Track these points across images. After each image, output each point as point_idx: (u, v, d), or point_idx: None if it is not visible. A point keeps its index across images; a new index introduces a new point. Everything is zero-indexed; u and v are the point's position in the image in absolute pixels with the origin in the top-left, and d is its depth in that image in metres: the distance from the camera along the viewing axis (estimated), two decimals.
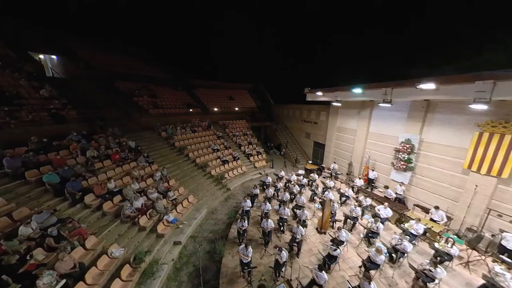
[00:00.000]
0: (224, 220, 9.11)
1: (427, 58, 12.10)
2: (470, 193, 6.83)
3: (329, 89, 10.32)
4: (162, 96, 18.09)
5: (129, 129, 12.71)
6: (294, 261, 6.07)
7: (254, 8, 22.45)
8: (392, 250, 5.95)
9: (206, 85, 23.42)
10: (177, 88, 20.70)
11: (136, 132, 12.76)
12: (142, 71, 19.09)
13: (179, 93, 20.05)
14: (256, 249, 6.40)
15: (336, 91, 9.85)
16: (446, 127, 7.61)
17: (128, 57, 19.75)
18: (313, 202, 9.54)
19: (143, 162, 10.05)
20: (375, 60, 14.12)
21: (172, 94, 19.38)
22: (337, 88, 9.81)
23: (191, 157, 12.89)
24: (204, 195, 10.52)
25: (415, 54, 12.35)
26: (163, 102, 17.33)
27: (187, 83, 21.87)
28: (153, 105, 16.21)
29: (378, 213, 7.63)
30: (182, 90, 20.86)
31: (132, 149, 10.67)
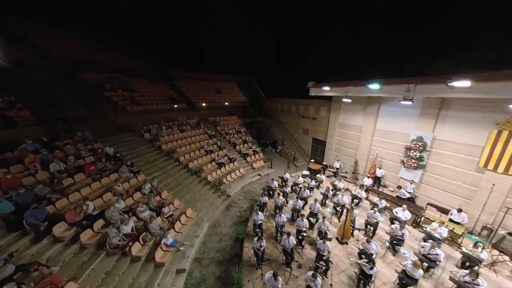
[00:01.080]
0: (230, 234, 8.22)
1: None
2: (485, 192, 6.95)
3: (339, 84, 9.75)
4: (140, 90, 15.91)
5: (103, 132, 10.77)
6: (323, 282, 5.50)
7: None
8: (423, 259, 5.72)
9: (189, 76, 21.43)
10: (155, 80, 18.48)
11: (112, 135, 10.86)
12: (111, 59, 16.41)
13: (159, 86, 17.93)
14: (277, 270, 5.68)
15: (347, 86, 9.31)
16: (460, 125, 7.60)
17: (93, 42, 16.76)
18: (325, 206, 9.12)
19: (126, 172, 8.49)
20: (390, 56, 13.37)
21: (151, 87, 17.21)
22: (348, 83, 9.28)
23: (182, 162, 11.49)
24: (203, 206, 9.42)
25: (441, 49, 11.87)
26: (142, 97, 15.23)
27: (166, 74, 19.70)
28: (130, 101, 14.09)
29: (396, 216, 7.46)
30: (161, 82, 18.69)
31: (111, 156, 8.96)
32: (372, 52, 14.48)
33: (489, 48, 10.44)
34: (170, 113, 15.55)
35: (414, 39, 12.64)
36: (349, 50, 15.25)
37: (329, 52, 16.97)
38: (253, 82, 25.74)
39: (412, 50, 13.54)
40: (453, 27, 11.00)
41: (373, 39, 14.57)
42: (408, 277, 5.16)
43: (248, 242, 6.98)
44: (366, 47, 14.66)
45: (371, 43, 14.51)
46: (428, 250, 5.71)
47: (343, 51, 15.48)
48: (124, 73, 16.38)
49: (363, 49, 14.40)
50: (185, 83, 20.53)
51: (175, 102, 16.75)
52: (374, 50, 14.54)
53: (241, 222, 8.95)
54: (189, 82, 21.09)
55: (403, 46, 13.33)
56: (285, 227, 7.02)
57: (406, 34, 12.73)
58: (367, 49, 14.50)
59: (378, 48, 14.39)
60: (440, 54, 11.45)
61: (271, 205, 9.12)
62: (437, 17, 11.78)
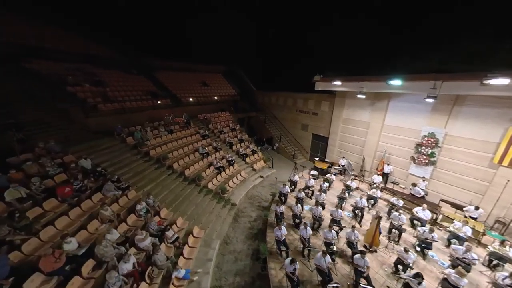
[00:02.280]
0: (246, 251, 7.48)
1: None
2: (499, 187, 7.29)
3: (352, 78, 9.28)
4: (113, 84, 13.66)
5: (72, 139, 8.90)
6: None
7: None
8: (457, 263, 5.73)
9: (169, 66, 19.30)
10: (130, 71, 16.16)
11: (85, 142, 9.01)
12: (72, 46, 13.62)
13: (135, 79, 15.72)
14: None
15: (362, 81, 8.89)
16: (473, 121, 7.77)
17: (46, 24, 13.64)
18: (341, 209, 8.85)
19: (112, 190, 7.02)
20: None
21: (126, 80, 14.97)
22: (363, 78, 8.86)
23: (176, 169, 10.17)
24: (209, 220, 8.44)
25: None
26: (117, 93, 13.08)
27: (143, 64, 17.36)
28: (102, 97, 11.93)
29: (417, 216, 7.48)
30: (138, 74, 16.42)
31: (89, 171, 7.33)
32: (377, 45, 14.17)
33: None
34: (153, 111, 13.72)
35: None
36: (354, 40, 14.83)
37: (330, 41, 16.38)
38: (241, 73, 24.37)
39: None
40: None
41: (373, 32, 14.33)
42: (451, 285, 5.06)
43: (273, 262, 6.32)
44: (369, 38, 14.38)
45: (374, 34, 14.24)
46: (463, 254, 5.72)
47: (347, 40, 15.02)
48: (91, 62, 13.86)
49: (366, 40, 14.12)
50: (166, 75, 18.43)
51: (157, 97, 14.82)
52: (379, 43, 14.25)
53: (254, 235, 8.26)
54: (170, 73, 18.99)
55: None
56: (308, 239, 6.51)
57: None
58: (369, 41, 14.28)
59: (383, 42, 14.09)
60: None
61: (287, 213, 8.53)
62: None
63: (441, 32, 10.19)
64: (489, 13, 8.53)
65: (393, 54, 11.88)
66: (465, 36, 9.11)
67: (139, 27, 18.33)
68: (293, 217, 7.94)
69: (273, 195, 10.22)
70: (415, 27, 11.66)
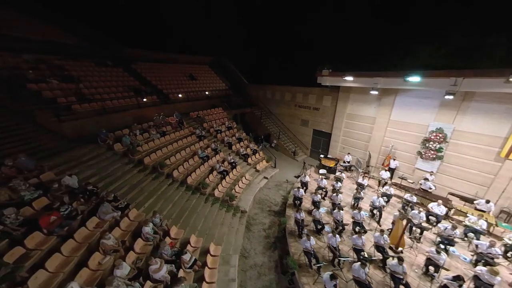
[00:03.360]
0: (268, 264, 7.12)
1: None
2: (504, 179, 7.84)
3: (365, 74, 9.08)
4: (86, 78, 11.89)
5: (46, 150, 7.47)
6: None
7: None
8: (481, 258, 6.02)
9: (149, 57, 17.52)
10: (104, 63, 14.22)
11: (63, 153, 7.64)
12: (31, 32, 11.34)
13: (112, 72, 13.91)
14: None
15: (376, 77, 8.74)
16: (482, 116, 8.16)
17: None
18: (357, 209, 8.88)
19: (110, 212, 6.01)
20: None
21: (101, 73, 13.17)
22: (377, 73, 8.70)
23: (177, 178, 9.24)
24: (221, 233, 7.85)
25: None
26: (93, 90, 11.40)
27: (118, 55, 15.40)
28: (77, 96, 10.23)
29: (433, 212, 7.76)
30: (114, 66, 14.54)
31: (77, 191, 6.16)
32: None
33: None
34: (138, 110, 12.28)
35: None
36: (352, 32, 14.66)
37: (326, 33, 16.07)
38: (230, 65, 23.15)
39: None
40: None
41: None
42: (484, 283, 5.27)
43: (304, 276, 6.03)
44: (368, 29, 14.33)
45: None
46: (487, 249, 6.01)
47: (343, 32, 14.83)
48: (57, 53, 11.75)
49: (366, 32, 14.05)
50: (147, 67, 16.68)
51: (141, 94, 13.25)
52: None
53: (272, 245, 7.91)
54: (151, 65, 17.22)
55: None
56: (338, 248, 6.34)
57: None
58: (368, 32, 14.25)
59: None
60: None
61: (306, 218, 8.26)
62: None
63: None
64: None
65: (404, 48, 11.94)
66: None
67: (112, 12, 16.10)
68: (314, 222, 7.72)
69: (285, 199, 9.88)
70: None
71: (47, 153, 7.51)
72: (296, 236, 7.52)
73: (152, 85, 15.16)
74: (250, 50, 23.12)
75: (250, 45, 23.05)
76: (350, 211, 8.40)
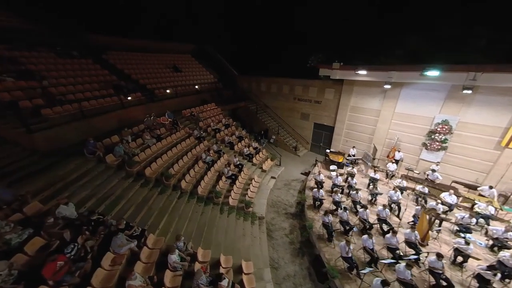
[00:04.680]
0: (300, 273, 7.03)
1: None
2: (503, 166, 8.79)
3: (379, 68, 9.09)
4: (50, 74, 9.96)
5: (15, 171, 6.08)
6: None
7: None
8: (497, 243, 6.72)
9: (122, 45, 15.57)
10: (68, 54, 12.10)
11: (41, 173, 6.32)
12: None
13: (79, 64, 11.91)
14: None
15: (391, 71, 8.81)
16: (486, 108, 8.88)
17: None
18: (375, 205, 9.23)
19: (126, 243, 5.14)
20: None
21: (67, 66, 11.25)
22: (392, 67, 8.77)
23: (185, 188, 8.42)
24: (246, 245, 7.48)
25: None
26: (63, 87, 9.62)
27: (84, 42, 13.26)
28: (44, 98, 8.46)
29: (445, 201, 8.41)
30: (81, 58, 12.48)
31: (78, 222, 5.10)
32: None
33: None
34: (123, 111, 10.78)
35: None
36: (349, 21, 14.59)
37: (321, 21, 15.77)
38: (216, 54, 21.71)
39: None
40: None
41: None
42: (508, 268, 5.88)
43: (347, 284, 6.03)
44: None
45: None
46: (503, 234, 6.71)
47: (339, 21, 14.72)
48: (4, 41, 9.44)
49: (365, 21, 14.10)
50: (122, 58, 14.72)
51: (122, 91, 11.59)
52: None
53: (299, 251, 7.83)
54: (127, 55, 15.24)
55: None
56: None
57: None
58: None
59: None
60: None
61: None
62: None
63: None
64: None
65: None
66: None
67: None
68: (341, 223, 7.76)
69: (299, 200, 9.75)
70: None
71: (19, 175, 6.08)
72: (325, 240, 7.50)
73: (132, 80, 13.39)
74: (236, 36, 21.88)
75: (236, 32, 21.77)
76: (374, 208, 8.61)
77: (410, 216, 8.15)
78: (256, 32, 20.16)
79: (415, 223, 7.84)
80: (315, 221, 8.39)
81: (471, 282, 5.84)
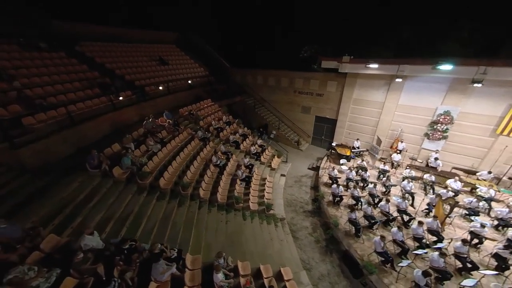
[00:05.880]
0: (333, 271, 7.28)
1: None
2: (497, 152, 9.92)
3: (391, 61, 9.36)
4: (19, 72, 8.53)
5: (6, 198, 5.15)
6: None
7: None
8: (502, 222, 7.70)
9: (96, 34, 13.91)
10: (35, 46, 10.52)
11: (41, 197, 5.46)
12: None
13: (51, 59, 10.47)
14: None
15: (402, 64, 9.15)
16: (484, 98, 9.79)
17: None
18: (388, 195, 9.82)
19: (167, 270, 4.76)
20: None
21: (35, 61, 9.80)
22: (404, 60, 9.09)
23: (204, 197, 8.03)
24: (276, 250, 7.50)
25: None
26: (40, 89, 8.28)
27: (52, 32, 11.57)
28: (22, 104, 7.19)
29: (451, 188, 9.31)
30: (51, 50, 10.89)
31: (108, 252, 4.55)
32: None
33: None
34: (115, 114, 9.72)
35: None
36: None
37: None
38: (204, 45, 20.46)
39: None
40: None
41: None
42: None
43: (385, 277, 6.41)
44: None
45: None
46: (507, 214, 7.68)
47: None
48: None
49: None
50: (99, 49, 13.28)
51: (110, 89, 10.40)
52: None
53: (326, 249, 8.08)
54: (104, 47, 13.73)
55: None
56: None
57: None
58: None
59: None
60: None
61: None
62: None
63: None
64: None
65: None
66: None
67: None
68: (366, 218, 8.15)
69: (319, 197, 9.97)
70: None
71: (14, 202, 5.17)
72: (353, 236, 7.83)
73: (117, 75, 12.04)
74: (224, 24, 20.82)
75: (224, 19, 20.68)
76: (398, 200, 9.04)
77: (421, 205, 8.85)
78: (246, 20, 19.37)
79: (430, 211, 8.59)
80: (338, 217, 8.68)
81: (489, 261, 6.62)
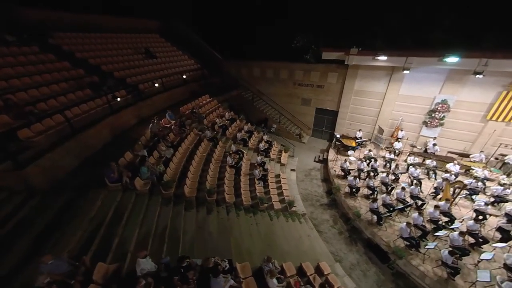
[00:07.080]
0: (362, 259, 7.86)
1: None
2: (486, 136, 11.25)
3: (397, 53, 9.85)
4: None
5: (25, 226, 4.70)
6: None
7: None
8: (497, 199, 8.95)
9: (69, 23, 12.57)
10: (1, 39, 9.11)
11: (66, 222, 5.00)
12: None
13: (25, 54, 9.29)
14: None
15: (409, 56, 9.72)
16: (477, 87, 10.90)
17: None
18: (398, 183, 10.71)
19: (224, 282, 4.77)
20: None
21: (7, 58, 8.75)
22: (412, 53, 9.64)
23: (229, 201, 7.98)
24: (307, 246, 7.85)
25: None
26: (24, 93, 7.37)
27: (10, 19, 10.16)
28: (10, 113, 6.25)
29: (451, 170, 10.47)
30: (22, 44, 9.62)
31: (164, 274, 4.40)
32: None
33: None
34: (113, 118, 8.99)
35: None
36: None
37: None
38: (192, 34, 19.30)
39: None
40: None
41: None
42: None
43: (412, 259, 7.13)
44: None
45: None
46: (502, 192, 8.93)
47: None
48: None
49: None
50: (76, 41, 12.10)
51: (102, 89, 9.48)
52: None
53: (350, 239, 8.66)
54: (81, 38, 12.41)
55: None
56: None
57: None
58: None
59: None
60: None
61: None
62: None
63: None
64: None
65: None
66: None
67: None
68: (384, 206, 8.85)
69: (335, 190, 10.47)
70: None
71: (36, 231, 4.63)
72: (376, 225, 8.48)
73: (104, 73, 10.95)
74: (209, 11, 19.79)
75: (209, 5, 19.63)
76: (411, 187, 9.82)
77: (428, 189, 9.83)
78: (234, 8, 18.65)
79: (437, 194, 9.59)
80: (358, 208, 9.27)
81: (494, 234, 7.71)
